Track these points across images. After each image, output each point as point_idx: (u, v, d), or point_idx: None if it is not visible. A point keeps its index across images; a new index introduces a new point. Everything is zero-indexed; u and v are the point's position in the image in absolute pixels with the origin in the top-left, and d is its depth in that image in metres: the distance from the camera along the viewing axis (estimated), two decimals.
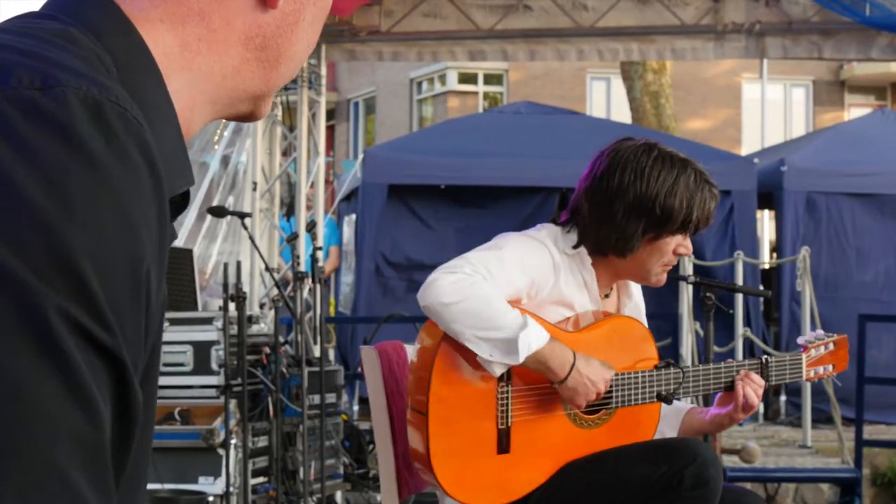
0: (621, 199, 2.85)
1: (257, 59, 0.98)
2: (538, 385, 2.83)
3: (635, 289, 3.12)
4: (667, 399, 2.89)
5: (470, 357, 2.75)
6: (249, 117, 1.04)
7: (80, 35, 0.87)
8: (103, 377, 0.77)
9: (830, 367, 3.15)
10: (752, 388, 2.94)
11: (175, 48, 0.93)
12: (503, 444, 2.84)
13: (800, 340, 3.17)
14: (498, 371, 2.74)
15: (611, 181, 2.87)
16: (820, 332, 3.22)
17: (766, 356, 3.07)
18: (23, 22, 0.89)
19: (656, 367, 2.92)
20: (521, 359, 2.68)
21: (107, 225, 0.77)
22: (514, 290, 2.79)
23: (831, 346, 3.15)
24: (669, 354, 7.88)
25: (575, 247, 2.91)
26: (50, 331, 0.73)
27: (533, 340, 2.69)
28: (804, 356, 3.10)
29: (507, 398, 2.84)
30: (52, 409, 0.73)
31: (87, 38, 0.87)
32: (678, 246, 2.92)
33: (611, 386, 2.87)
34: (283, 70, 1.01)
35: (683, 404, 3.12)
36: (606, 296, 3.03)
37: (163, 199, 0.83)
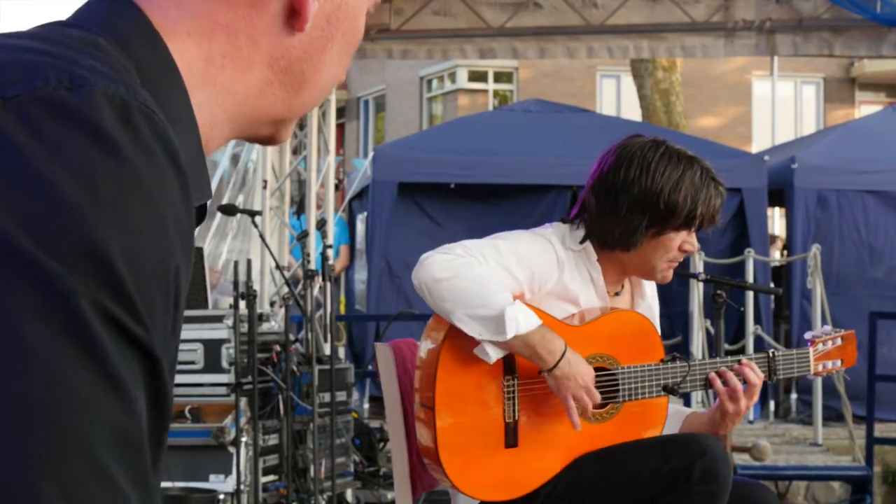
0: (626, 193, 2.87)
1: (281, 82, 0.97)
2: (543, 378, 2.83)
3: (649, 289, 3.11)
4: (673, 391, 2.90)
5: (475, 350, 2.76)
6: (269, 141, 1.03)
7: (107, 44, 0.87)
8: (137, 371, 0.76)
9: (839, 362, 3.14)
10: (736, 376, 2.89)
11: (199, 62, 0.93)
12: (511, 439, 2.84)
13: (807, 335, 3.16)
14: (493, 357, 2.74)
15: (617, 175, 2.89)
16: (828, 327, 3.23)
17: (772, 350, 3.06)
18: (50, 29, 0.89)
19: (662, 361, 2.93)
20: (509, 335, 2.68)
21: (136, 219, 0.76)
22: (509, 277, 2.80)
23: (839, 341, 3.14)
24: (680, 352, 7.86)
25: (582, 242, 2.92)
26: (83, 321, 0.73)
27: (521, 320, 2.70)
28: (811, 350, 3.10)
29: (514, 391, 2.84)
30: (90, 399, 0.72)
31: (113, 48, 0.87)
32: (683, 242, 2.92)
33: (617, 380, 2.88)
34: (307, 97, 1.00)
35: (686, 408, 3.12)
36: (617, 293, 3.03)
37: (189, 200, 0.83)
